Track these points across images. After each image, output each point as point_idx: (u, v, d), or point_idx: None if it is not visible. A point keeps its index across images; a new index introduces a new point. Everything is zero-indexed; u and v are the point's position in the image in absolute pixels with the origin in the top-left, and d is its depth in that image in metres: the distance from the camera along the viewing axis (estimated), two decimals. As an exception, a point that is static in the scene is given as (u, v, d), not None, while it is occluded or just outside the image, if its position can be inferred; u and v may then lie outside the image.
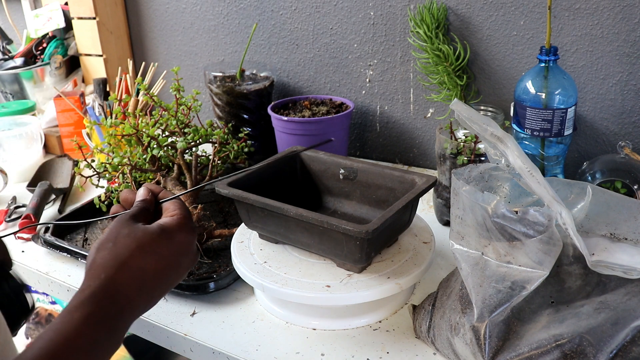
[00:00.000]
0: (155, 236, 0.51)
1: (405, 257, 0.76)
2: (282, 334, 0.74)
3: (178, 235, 0.53)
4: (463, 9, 1.08)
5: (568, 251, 0.59)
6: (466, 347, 0.60)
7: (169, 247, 0.52)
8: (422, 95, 1.19)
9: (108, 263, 0.48)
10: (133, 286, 0.49)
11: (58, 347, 0.43)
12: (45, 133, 1.41)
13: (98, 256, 0.49)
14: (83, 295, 0.47)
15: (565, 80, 0.88)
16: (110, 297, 0.47)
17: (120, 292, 0.48)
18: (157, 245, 0.51)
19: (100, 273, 0.48)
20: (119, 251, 0.49)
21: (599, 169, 0.89)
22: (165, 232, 0.52)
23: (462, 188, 0.61)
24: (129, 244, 0.50)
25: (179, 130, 1.05)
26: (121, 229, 0.51)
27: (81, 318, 0.45)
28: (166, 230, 0.52)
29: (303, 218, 0.70)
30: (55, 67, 1.57)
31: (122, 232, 0.51)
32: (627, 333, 0.51)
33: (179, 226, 0.53)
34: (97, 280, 0.48)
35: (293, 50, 1.32)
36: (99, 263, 0.49)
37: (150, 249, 0.50)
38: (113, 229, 0.51)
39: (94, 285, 0.47)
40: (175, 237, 0.53)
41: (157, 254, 0.51)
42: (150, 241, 0.51)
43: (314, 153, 0.90)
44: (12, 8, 1.83)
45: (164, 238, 0.52)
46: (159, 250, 0.51)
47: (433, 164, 1.24)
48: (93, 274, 0.48)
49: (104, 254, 0.49)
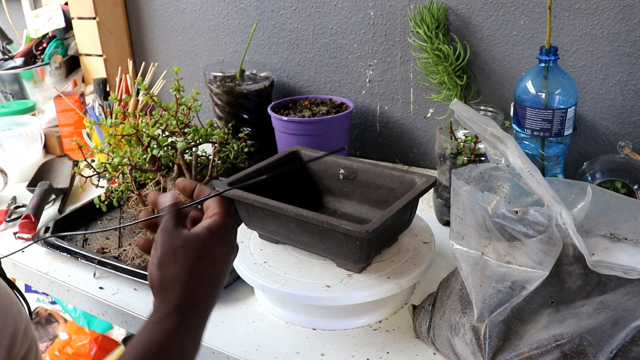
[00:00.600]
0: (207, 241, 0.54)
1: (405, 257, 0.76)
2: (282, 334, 0.74)
3: (225, 235, 0.56)
4: (463, 9, 1.08)
5: (568, 251, 0.59)
6: (466, 347, 0.60)
7: (221, 248, 0.55)
8: (422, 95, 1.19)
9: (179, 276, 0.52)
10: (205, 292, 0.53)
11: (153, 355, 0.48)
12: (45, 133, 1.41)
13: (165, 273, 0.52)
14: (166, 308, 0.51)
15: (565, 80, 0.89)
16: (192, 306, 0.52)
17: (198, 301, 0.52)
18: (213, 249, 0.54)
19: (176, 286, 0.52)
20: (183, 263, 0.52)
21: (599, 169, 0.89)
22: (215, 235, 0.55)
23: (462, 188, 0.61)
24: (189, 254, 0.53)
25: (179, 130, 1.05)
26: (174, 242, 0.53)
27: (171, 327, 0.50)
28: (215, 233, 0.55)
29: (303, 218, 0.70)
30: (55, 67, 1.57)
31: (176, 245, 0.53)
32: (627, 333, 0.51)
33: (224, 226, 0.56)
34: (176, 293, 0.51)
35: (293, 50, 1.32)
36: (170, 278, 0.52)
37: (208, 254, 0.54)
38: (166, 244, 0.53)
39: (175, 298, 0.51)
40: (223, 237, 0.56)
41: (214, 256, 0.54)
42: (206, 247, 0.54)
43: (314, 153, 0.90)
44: (12, 8, 1.83)
45: (215, 241, 0.55)
46: (215, 252, 0.54)
47: (433, 164, 1.24)
48: (168, 289, 0.52)
49: (170, 269, 0.52)
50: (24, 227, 1.02)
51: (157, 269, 0.53)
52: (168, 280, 0.52)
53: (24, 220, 1.02)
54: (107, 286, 0.87)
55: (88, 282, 0.89)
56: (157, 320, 0.50)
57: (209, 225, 0.55)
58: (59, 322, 1.69)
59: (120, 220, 1.05)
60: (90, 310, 0.88)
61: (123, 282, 0.88)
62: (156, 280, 0.52)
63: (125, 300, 0.84)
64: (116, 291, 0.86)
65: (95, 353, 1.53)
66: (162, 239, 0.54)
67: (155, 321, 0.50)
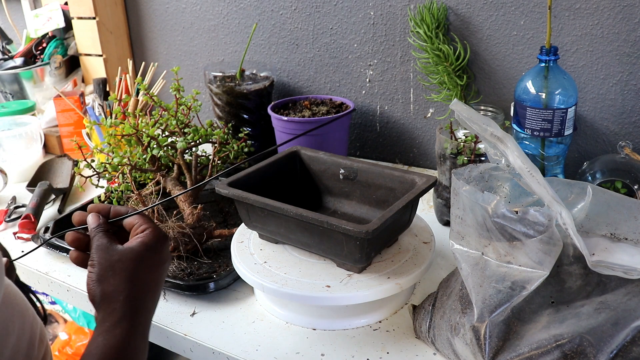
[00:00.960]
0: (143, 253, 0.58)
1: (405, 257, 0.76)
2: (282, 334, 0.74)
3: (159, 246, 0.60)
4: (463, 9, 1.08)
5: (568, 251, 0.59)
6: (466, 347, 0.60)
7: (156, 258, 0.59)
8: (422, 95, 1.19)
9: (119, 287, 0.55)
10: (146, 297, 0.57)
11: (111, 356, 0.52)
12: (45, 133, 1.41)
13: (105, 286, 0.56)
14: (114, 317, 0.54)
15: (566, 80, 0.88)
16: (136, 312, 0.56)
17: (140, 306, 0.56)
18: (148, 260, 0.58)
19: (118, 297, 0.55)
20: (121, 275, 0.56)
21: (599, 169, 0.89)
22: (149, 247, 0.59)
23: (462, 188, 0.61)
24: (126, 266, 0.57)
25: (179, 130, 1.05)
26: (111, 257, 0.57)
27: (123, 332, 0.53)
28: (149, 246, 0.59)
29: (303, 218, 0.70)
30: (55, 67, 1.57)
31: (113, 259, 0.57)
32: (627, 333, 0.51)
33: (157, 238, 0.60)
34: (118, 302, 0.55)
35: (293, 50, 1.32)
36: (111, 290, 0.55)
37: (144, 264, 0.58)
38: (102, 260, 0.57)
39: (120, 307, 0.55)
40: (157, 248, 0.60)
41: (149, 265, 0.59)
42: (142, 258, 0.58)
43: (314, 153, 0.90)
44: (12, 8, 1.82)
45: (150, 252, 0.59)
46: (150, 262, 0.59)
47: (433, 164, 1.24)
48: (111, 300, 0.55)
49: (110, 282, 0.56)
50: (23, 227, 1.02)
51: (97, 284, 0.56)
52: (109, 292, 0.55)
53: (23, 220, 1.02)
54: (107, 286, 0.87)
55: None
56: (108, 328, 0.54)
57: (142, 239, 0.59)
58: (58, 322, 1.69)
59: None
60: (90, 311, 0.88)
61: (123, 282, 0.87)
62: (97, 295, 0.55)
63: (125, 300, 0.83)
64: (116, 291, 0.86)
65: (95, 353, 1.53)
66: (98, 256, 0.57)
67: (106, 329, 0.53)
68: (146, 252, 0.58)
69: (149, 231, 0.60)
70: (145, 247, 0.58)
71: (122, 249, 0.58)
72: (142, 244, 0.59)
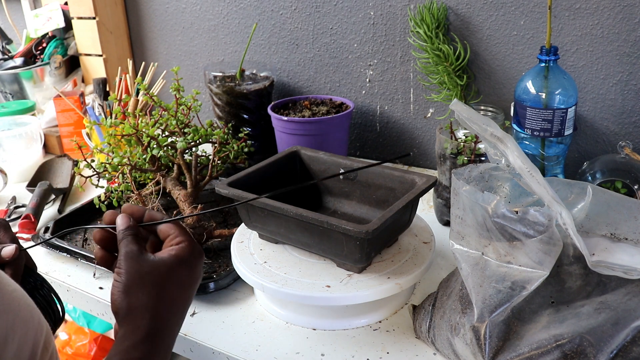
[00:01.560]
0: (175, 267, 0.54)
1: (405, 257, 0.76)
2: (282, 334, 0.74)
3: (193, 261, 0.55)
4: (463, 9, 1.08)
5: (568, 251, 0.59)
6: (466, 347, 0.60)
7: (189, 276, 0.55)
8: (422, 95, 1.19)
9: (147, 304, 0.51)
10: (172, 318, 0.53)
11: None
12: (45, 133, 1.41)
13: (132, 299, 0.51)
14: (137, 336, 0.50)
15: (566, 80, 0.88)
16: (161, 333, 0.51)
17: (165, 327, 0.52)
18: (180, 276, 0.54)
19: (145, 314, 0.51)
20: (150, 290, 0.52)
21: (599, 169, 0.89)
22: (182, 262, 0.54)
23: (462, 188, 0.61)
24: (157, 280, 0.52)
25: (178, 130, 1.05)
26: (141, 268, 0.53)
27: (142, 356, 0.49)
28: (183, 260, 0.54)
29: (303, 218, 0.70)
30: (55, 67, 1.57)
31: (143, 270, 0.52)
32: (627, 333, 0.51)
33: (191, 253, 0.55)
34: (144, 320, 0.51)
35: (293, 50, 1.32)
36: (138, 305, 0.51)
37: (176, 281, 0.53)
38: (131, 270, 0.52)
39: (144, 326, 0.50)
40: (191, 264, 0.55)
41: (181, 283, 0.54)
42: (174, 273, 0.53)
43: (314, 153, 0.90)
44: (12, 8, 1.82)
45: (184, 268, 0.54)
46: (182, 280, 0.54)
47: (433, 164, 1.24)
48: (136, 316, 0.51)
49: (137, 296, 0.51)
50: (23, 227, 1.02)
51: (124, 295, 0.51)
52: (135, 307, 0.51)
53: (23, 220, 1.02)
54: (107, 286, 0.87)
55: (88, 282, 0.89)
56: (127, 349, 0.50)
57: (177, 252, 0.54)
58: (58, 322, 1.69)
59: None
60: (90, 310, 0.88)
61: (123, 282, 0.87)
62: (122, 308, 0.51)
63: (125, 300, 0.83)
64: (116, 291, 0.86)
65: (95, 353, 1.53)
66: (127, 264, 0.53)
67: (125, 350, 0.50)
68: (179, 266, 0.54)
69: (185, 244, 0.55)
70: (179, 260, 0.54)
71: (154, 260, 0.53)
72: (176, 257, 0.54)
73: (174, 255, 0.54)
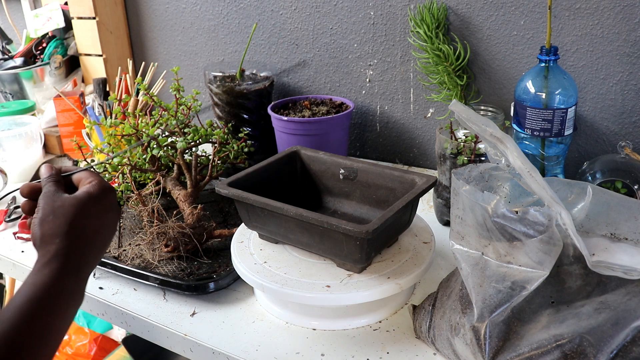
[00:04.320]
0: (85, 201, 0.61)
1: (405, 257, 0.76)
2: (282, 334, 0.74)
3: (102, 197, 0.63)
4: (463, 9, 1.08)
5: (568, 251, 0.59)
6: (466, 347, 0.60)
7: (98, 208, 0.62)
8: (422, 95, 1.19)
9: (56, 231, 0.58)
10: (83, 242, 0.60)
11: (37, 295, 0.54)
12: (45, 133, 1.41)
13: (44, 229, 0.58)
14: (46, 258, 0.57)
15: (566, 80, 0.88)
16: (68, 255, 0.58)
17: (74, 250, 0.58)
18: (89, 207, 0.61)
19: (54, 239, 0.58)
20: (61, 220, 0.59)
21: (599, 169, 0.89)
22: (92, 196, 0.62)
23: (462, 188, 0.61)
24: (67, 212, 0.59)
25: (179, 130, 1.05)
26: (54, 203, 0.60)
27: (51, 273, 0.56)
28: (92, 195, 0.62)
29: (303, 218, 0.70)
30: (55, 67, 1.57)
31: (56, 205, 0.60)
32: (627, 333, 0.51)
33: (101, 190, 0.63)
34: (54, 245, 0.57)
35: (293, 50, 1.32)
36: (49, 233, 0.58)
37: (84, 212, 0.60)
38: (46, 205, 0.60)
39: (53, 249, 0.57)
40: (100, 198, 0.62)
41: (90, 215, 0.61)
42: (83, 206, 0.61)
43: (314, 153, 0.90)
44: (12, 8, 1.82)
45: (93, 201, 0.62)
46: (91, 212, 0.61)
47: (433, 164, 1.24)
48: (47, 242, 0.58)
49: (49, 225, 0.58)
50: (23, 227, 1.02)
51: (39, 227, 0.59)
52: (48, 234, 0.58)
53: (23, 220, 1.02)
54: (106, 286, 0.87)
55: (88, 282, 0.88)
56: (39, 268, 0.56)
57: (87, 189, 0.62)
58: (58, 322, 1.69)
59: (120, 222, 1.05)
60: (90, 310, 0.88)
61: (123, 282, 0.87)
62: (37, 237, 0.58)
63: (125, 300, 0.83)
64: (116, 291, 0.86)
65: (95, 353, 1.53)
66: (43, 202, 0.60)
67: (37, 270, 0.56)
68: (89, 200, 0.61)
69: (95, 182, 0.63)
70: (88, 195, 0.61)
71: (67, 197, 0.61)
72: (86, 192, 0.62)
73: (84, 191, 0.62)
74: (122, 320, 0.83)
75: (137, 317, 0.80)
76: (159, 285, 0.83)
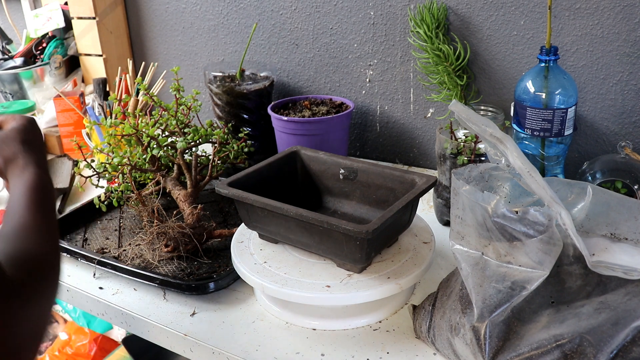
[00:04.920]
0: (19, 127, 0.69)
1: (405, 257, 0.76)
2: (282, 334, 0.74)
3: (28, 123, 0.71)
4: (463, 9, 1.08)
5: (568, 251, 0.59)
6: (466, 347, 0.60)
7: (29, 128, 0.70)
8: (422, 95, 1.19)
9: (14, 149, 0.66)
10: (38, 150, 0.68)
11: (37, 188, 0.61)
12: (45, 133, 1.41)
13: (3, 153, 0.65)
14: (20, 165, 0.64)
15: (566, 80, 0.88)
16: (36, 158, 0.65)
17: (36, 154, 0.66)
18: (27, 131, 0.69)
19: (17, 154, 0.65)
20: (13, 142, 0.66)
21: (599, 169, 0.89)
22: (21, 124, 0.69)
23: (462, 188, 0.61)
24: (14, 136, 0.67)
25: (178, 130, 1.05)
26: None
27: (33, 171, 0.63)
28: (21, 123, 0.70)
29: (303, 218, 0.70)
30: (55, 67, 1.57)
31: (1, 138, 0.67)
32: (627, 333, 0.51)
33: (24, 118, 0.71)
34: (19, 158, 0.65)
35: (293, 50, 1.32)
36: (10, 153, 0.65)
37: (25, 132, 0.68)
38: None
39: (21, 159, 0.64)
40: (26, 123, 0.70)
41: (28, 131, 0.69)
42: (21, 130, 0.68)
43: (314, 153, 0.90)
44: (12, 8, 1.82)
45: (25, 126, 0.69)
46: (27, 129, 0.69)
47: (433, 164, 1.24)
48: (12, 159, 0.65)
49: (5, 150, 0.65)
50: (23, 227, 1.02)
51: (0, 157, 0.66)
52: (9, 155, 0.65)
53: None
54: (106, 286, 0.87)
55: (88, 282, 0.89)
56: (19, 174, 0.63)
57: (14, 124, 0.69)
58: (58, 322, 1.69)
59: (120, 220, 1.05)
60: (90, 311, 0.88)
61: (123, 282, 0.87)
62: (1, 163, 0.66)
63: (125, 300, 0.83)
64: (116, 291, 0.86)
65: (95, 353, 1.53)
66: None
67: (18, 175, 0.63)
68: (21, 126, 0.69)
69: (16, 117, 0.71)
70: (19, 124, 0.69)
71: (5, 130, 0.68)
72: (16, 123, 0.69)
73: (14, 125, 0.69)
74: (122, 320, 0.83)
75: (137, 317, 0.80)
76: (159, 285, 0.83)
